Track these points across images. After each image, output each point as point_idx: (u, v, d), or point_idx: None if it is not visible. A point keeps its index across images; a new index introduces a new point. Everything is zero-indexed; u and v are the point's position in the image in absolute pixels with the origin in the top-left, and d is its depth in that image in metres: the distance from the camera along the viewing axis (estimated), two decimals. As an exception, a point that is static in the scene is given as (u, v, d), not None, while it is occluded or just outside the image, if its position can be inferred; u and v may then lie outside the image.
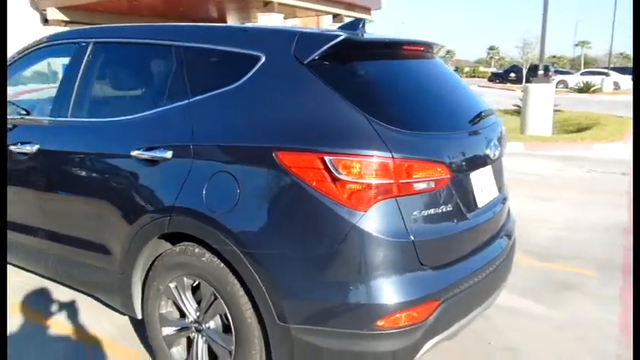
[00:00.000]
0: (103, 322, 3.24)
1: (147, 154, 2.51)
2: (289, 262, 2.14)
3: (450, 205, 2.27)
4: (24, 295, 3.61)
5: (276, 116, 2.24)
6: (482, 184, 2.54)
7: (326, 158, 2.06)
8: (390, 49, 2.57)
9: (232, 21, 34.77)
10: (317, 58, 2.23)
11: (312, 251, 2.11)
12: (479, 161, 2.51)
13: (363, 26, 2.65)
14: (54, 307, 3.46)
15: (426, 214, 2.18)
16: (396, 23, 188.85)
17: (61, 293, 3.56)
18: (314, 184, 2.08)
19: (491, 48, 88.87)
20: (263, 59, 2.34)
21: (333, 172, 2.06)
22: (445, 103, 2.61)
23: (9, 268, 3.62)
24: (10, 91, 3.59)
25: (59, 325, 3.25)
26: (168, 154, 2.45)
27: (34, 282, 3.70)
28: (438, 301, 2.17)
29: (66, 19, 29.64)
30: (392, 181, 2.07)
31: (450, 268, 2.27)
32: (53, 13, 29.34)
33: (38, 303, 3.51)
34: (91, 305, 3.36)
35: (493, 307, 2.82)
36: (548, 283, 3.96)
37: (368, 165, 2.05)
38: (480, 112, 2.68)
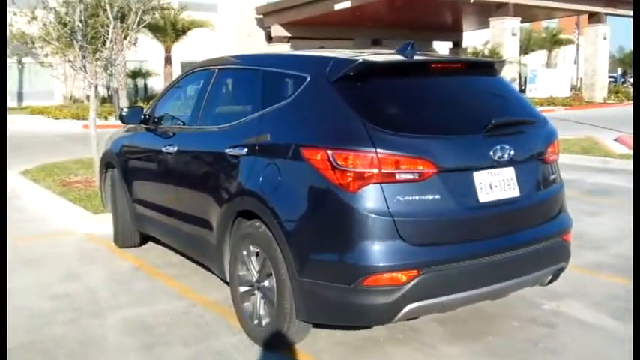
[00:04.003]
0: (215, 292, 4.86)
1: (232, 152, 4.03)
2: (303, 230, 3.44)
3: (437, 196, 3.30)
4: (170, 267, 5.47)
5: (307, 122, 3.59)
6: (490, 182, 3.47)
7: (329, 152, 3.31)
8: (408, 67, 3.69)
9: (467, 25, 36.13)
10: (339, 78, 3.49)
11: (316, 223, 3.38)
12: (486, 162, 3.46)
13: (412, 48, 3.83)
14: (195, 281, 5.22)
15: (409, 199, 3.25)
16: None
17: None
18: (322, 172, 3.34)
19: None
20: (308, 79, 3.69)
21: (333, 162, 3.29)
22: (457, 111, 3.63)
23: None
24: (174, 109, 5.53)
25: (192, 293, 4.97)
26: (244, 151, 3.93)
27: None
28: (417, 271, 3.22)
29: (288, 35, 34.46)
30: (376, 170, 3.22)
31: (433, 247, 3.29)
32: (277, 30, 34.38)
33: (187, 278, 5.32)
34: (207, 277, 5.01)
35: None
36: None
37: (356, 157, 3.24)
38: (502, 121, 3.61)
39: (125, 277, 5.32)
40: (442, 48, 40.42)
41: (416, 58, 3.81)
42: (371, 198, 3.24)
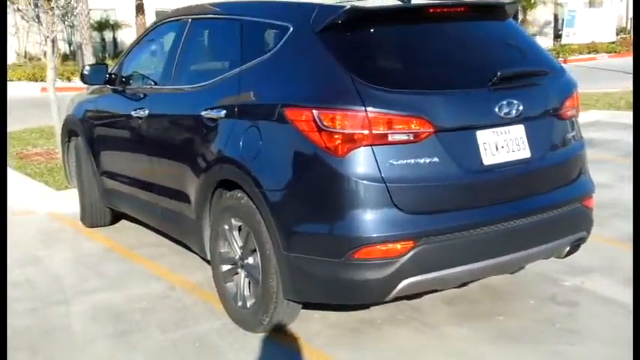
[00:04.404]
0: (196, 273, 5.12)
1: (209, 114, 4.24)
2: (288, 200, 3.66)
3: (435, 158, 3.50)
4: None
5: (289, 78, 3.80)
6: (496, 142, 3.67)
7: (314, 112, 3.51)
8: (403, 14, 3.86)
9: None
10: (325, 27, 3.68)
11: (303, 191, 3.61)
12: (491, 120, 3.66)
13: (408, -6, 4.02)
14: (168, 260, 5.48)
15: (403, 162, 3.46)
16: None
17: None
18: (307, 134, 3.55)
19: None
20: (291, 29, 3.88)
21: (319, 123, 3.49)
22: (458, 62, 3.83)
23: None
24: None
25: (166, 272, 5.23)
26: (223, 113, 4.14)
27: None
28: (413, 242, 3.44)
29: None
30: (366, 131, 3.42)
31: (431, 216, 3.50)
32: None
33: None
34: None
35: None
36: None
37: (344, 117, 3.44)
38: (510, 72, 3.80)
39: (94, 260, 5.57)
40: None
41: (412, 3, 3.99)
42: (361, 162, 3.44)
